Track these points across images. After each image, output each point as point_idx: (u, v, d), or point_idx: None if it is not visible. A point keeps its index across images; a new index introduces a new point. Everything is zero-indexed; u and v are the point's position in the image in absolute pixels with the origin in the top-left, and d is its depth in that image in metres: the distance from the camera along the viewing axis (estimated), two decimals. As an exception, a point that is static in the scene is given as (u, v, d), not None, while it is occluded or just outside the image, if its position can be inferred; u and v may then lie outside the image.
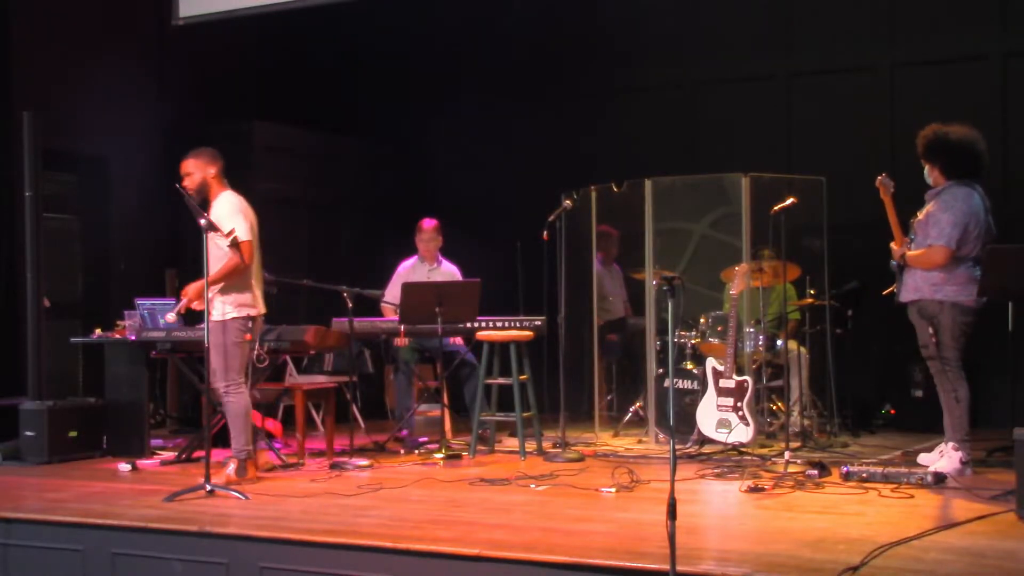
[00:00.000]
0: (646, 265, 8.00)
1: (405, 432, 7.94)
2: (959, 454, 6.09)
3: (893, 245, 6.34)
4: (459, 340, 8.17)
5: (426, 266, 8.32)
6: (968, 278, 6.08)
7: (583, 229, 8.08)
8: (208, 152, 6.53)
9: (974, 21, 9.06)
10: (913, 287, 6.22)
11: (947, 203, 6.15)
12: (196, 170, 6.46)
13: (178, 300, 6.54)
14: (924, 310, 6.18)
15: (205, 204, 6.40)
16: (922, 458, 6.33)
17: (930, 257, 6.13)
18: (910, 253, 6.23)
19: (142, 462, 7.22)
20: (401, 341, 7.90)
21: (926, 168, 6.33)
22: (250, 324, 6.42)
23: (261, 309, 6.51)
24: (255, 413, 7.69)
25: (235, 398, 6.34)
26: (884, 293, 6.71)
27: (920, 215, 6.30)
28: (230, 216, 6.31)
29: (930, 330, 6.11)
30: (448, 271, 8.36)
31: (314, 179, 10.52)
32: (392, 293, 8.04)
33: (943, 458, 6.12)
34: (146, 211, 9.76)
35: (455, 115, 10.61)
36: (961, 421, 6.12)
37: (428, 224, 8.36)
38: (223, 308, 6.31)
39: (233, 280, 6.32)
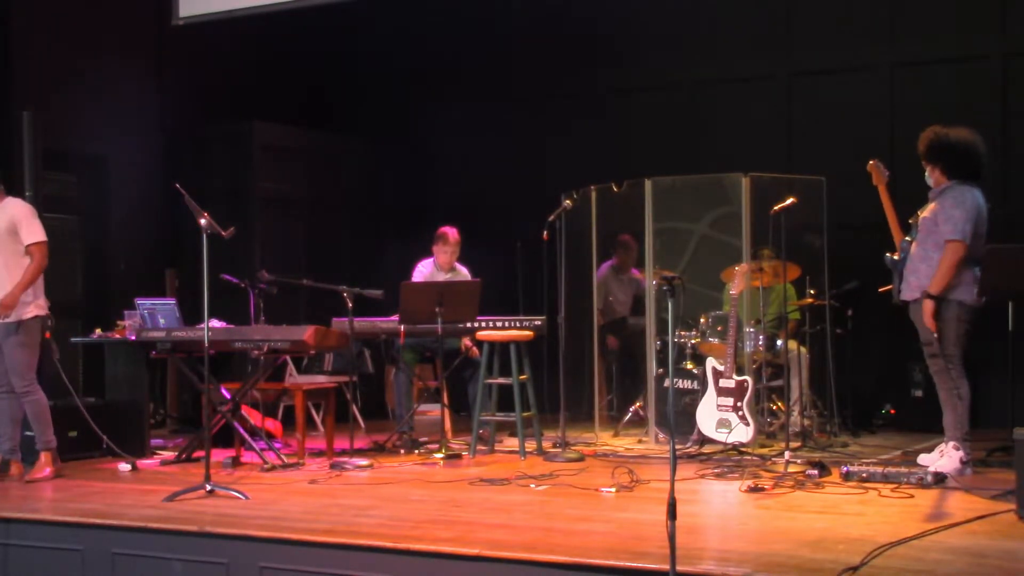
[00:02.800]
0: (646, 265, 8.01)
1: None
2: (959, 453, 6.09)
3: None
4: (467, 341, 8.13)
5: (442, 274, 8.21)
6: (973, 277, 6.07)
7: (583, 229, 8.08)
8: None
9: (974, 21, 9.06)
10: (917, 285, 6.19)
11: (957, 199, 6.11)
12: None
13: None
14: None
15: None
16: (922, 458, 6.32)
17: (950, 257, 6.02)
18: (937, 280, 6.04)
19: (142, 462, 7.22)
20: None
21: (927, 169, 6.31)
22: (48, 323, 6.77)
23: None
24: (254, 413, 7.70)
25: (36, 396, 6.61)
26: (880, 291, 6.70)
27: (925, 212, 6.25)
28: (32, 218, 6.62)
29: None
30: (464, 274, 8.30)
31: (313, 179, 10.52)
32: None
33: (943, 458, 6.12)
34: (146, 211, 9.77)
35: (455, 115, 10.61)
36: (962, 420, 6.12)
37: (454, 235, 8.20)
38: (24, 308, 6.56)
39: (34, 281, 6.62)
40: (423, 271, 8.21)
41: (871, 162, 6.30)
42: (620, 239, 8.86)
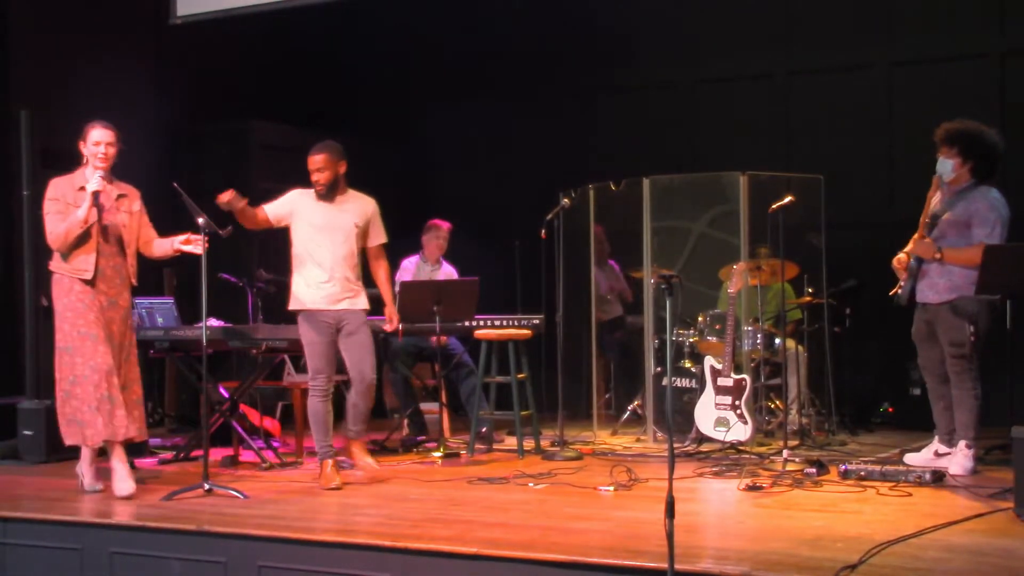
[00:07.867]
0: (644, 264, 8.00)
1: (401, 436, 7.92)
2: (972, 451, 6.06)
3: (915, 238, 6.17)
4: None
5: (429, 266, 8.28)
6: None
7: (581, 228, 8.08)
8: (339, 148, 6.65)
9: (972, 20, 9.07)
10: (948, 286, 6.08)
11: (992, 203, 6.03)
12: (328, 166, 6.60)
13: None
14: (963, 309, 6.04)
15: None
16: (909, 458, 6.32)
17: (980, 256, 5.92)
18: (950, 251, 6.06)
19: (140, 461, 7.20)
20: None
21: (954, 161, 6.12)
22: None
23: None
24: (253, 412, 7.70)
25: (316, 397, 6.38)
26: (891, 294, 6.59)
27: (948, 213, 6.13)
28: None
29: (970, 328, 6.01)
30: (448, 272, 8.33)
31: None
32: None
33: (958, 456, 6.05)
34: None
35: (453, 114, 10.60)
36: (977, 420, 6.09)
37: (446, 225, 8.27)
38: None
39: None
40: (408, 267, 8.23)
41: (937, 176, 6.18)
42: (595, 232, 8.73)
